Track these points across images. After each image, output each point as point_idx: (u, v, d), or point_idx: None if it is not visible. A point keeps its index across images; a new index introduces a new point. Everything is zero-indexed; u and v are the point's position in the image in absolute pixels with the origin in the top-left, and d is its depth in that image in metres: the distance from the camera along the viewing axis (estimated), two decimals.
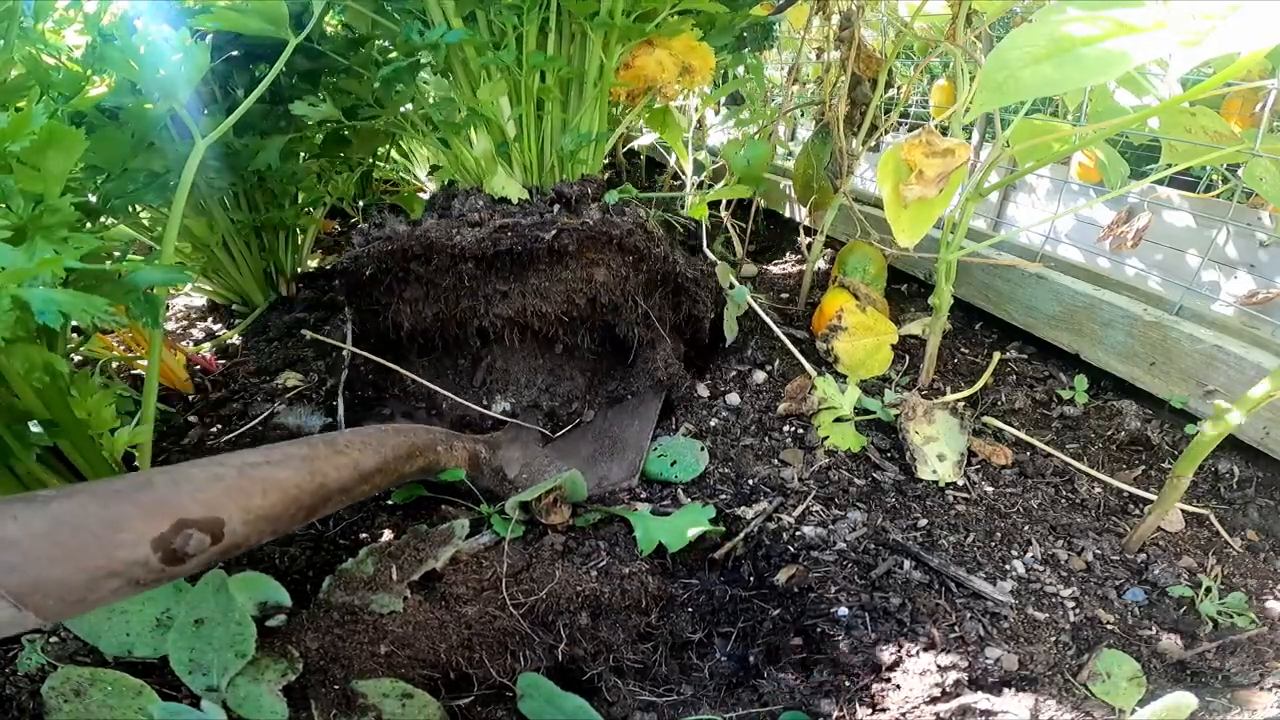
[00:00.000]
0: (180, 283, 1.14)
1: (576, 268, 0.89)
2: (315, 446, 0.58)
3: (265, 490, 0.51)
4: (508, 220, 0.86)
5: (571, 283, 0.90)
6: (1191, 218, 1.18)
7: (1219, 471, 0.88)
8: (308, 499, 0.54)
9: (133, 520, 0.43)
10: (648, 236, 0.91)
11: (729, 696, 0.62)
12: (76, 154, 0.56)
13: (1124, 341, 0.99)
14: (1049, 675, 0.62)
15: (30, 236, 0.53)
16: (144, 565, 0.43)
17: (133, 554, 0.43)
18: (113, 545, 0.42)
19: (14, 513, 0.40)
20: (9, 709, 0.57)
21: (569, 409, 0.97)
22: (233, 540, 0.48)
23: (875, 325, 1.07)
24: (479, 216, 0.88)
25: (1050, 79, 0.61)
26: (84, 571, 0.41)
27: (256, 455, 0.53)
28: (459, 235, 0.85)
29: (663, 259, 0.93)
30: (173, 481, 0.47)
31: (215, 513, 0.47)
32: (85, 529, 0.41)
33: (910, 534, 0.77)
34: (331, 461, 0.58)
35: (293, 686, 0.58)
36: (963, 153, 0.79)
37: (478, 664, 0.63)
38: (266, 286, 1.28)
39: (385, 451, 0.64)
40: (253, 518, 0.49)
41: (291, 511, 0.53)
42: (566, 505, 0.76)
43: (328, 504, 0.57)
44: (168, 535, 0.44)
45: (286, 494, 0.52)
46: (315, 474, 0.55)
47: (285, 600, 0.65)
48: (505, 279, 0.90)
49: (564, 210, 0.91)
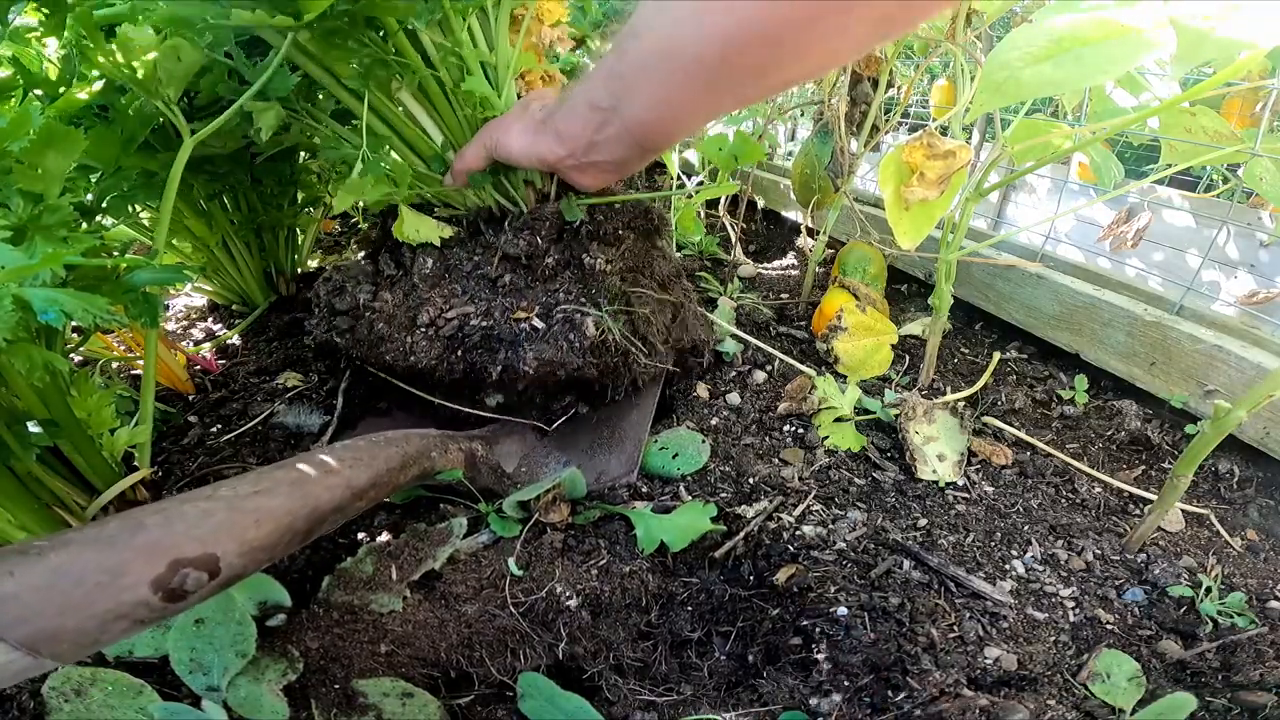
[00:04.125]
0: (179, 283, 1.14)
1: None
2: (305, 469, 0.58)
3: (258, 521, 0.51)
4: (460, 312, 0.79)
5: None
6: (1192, 217, 1.18)
7: (1219, 471, 0.88)
8: (302, 524, 0.54)
9: (130, 564, 0.44)
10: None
11: (728, 696, 0.62)
12: (76, 153, 0.56)
13: (1124, 341, 0.99)
14: (1048, 675, 0.62)
15: (30, 236, 0.53)
16: (147, 605, 0.44)
17: (135, 596, 0.44)
18: (116, 590, 0.43)
19: (10, 568, 0.41)
20: (9, 709, 0.57)
21: (562, 401, 0.95)
22: (230, 574, 0.49)
23: (875, 325, 1.07)
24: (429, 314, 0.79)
25: (1050, 79, 0.61)
26: (92, 619, 0.42)
27: (246, 484, 0.53)
28: (412, 354, 0.79)
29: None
30: (165, 521, 0.47)
31: (210, 549, 0.47)
32: (86, 579, 0.42)
33: (910, 534, 0.77)
34: (323, 483, 0.58)
35: (293, 686, 0.58)
36: (964, 155, 0.79)
37: (478, 663, 0.63)
38: (266, 286, 1.28)
39: (378, 465, 0.64)
40: (247, 549, 0.50)
41: (286, 539, 0.53)
42: (566, 503, 0.76)
43: (323, 525, 0.57)
44: (165, 576, 0.45)
45: (280, 523, 0.52)
46: (307, 498, 0.55)
47: (285, 600, 0.65)
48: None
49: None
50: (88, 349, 1.00)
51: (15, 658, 0.40)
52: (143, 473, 0.71)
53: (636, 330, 0.84)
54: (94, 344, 1.02)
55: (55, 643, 0.41)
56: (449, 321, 0.79)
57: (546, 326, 0.79)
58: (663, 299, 0.90)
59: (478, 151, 0.75)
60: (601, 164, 0.69)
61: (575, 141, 0.67)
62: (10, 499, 0.61)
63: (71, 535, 0.45)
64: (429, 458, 0.72)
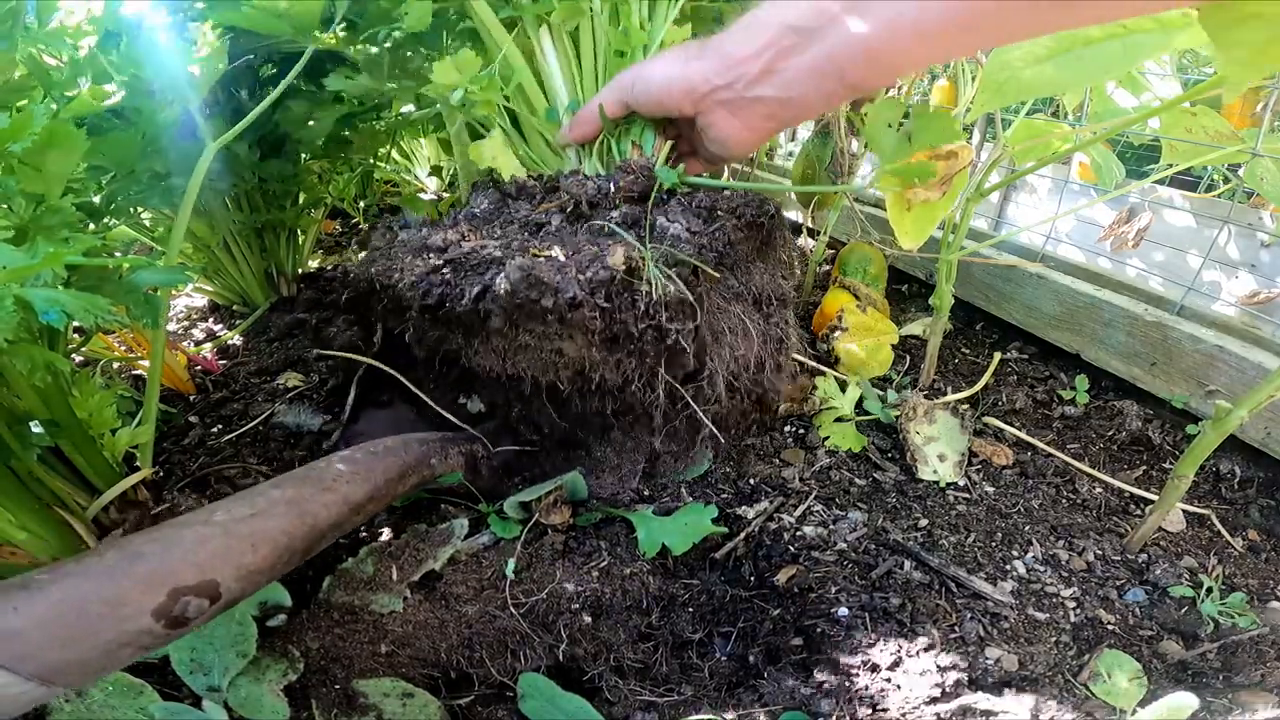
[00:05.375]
0: (181, 283, 1.14)
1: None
2: (301, 486, 0.58)
3: (255, 545, 0.51)
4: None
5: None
6: (1192, 218, 1.18)
7: (1220, 472, 0.88)
8: (300, 544, 0.55)
9: (130, 594, 0.45)
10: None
11: (729, 696, 0.62)
12: (78, 154, 0.56)
13: (1125, 341, 0.99)
14: (1049, 676, 0.62)
15: (31, 237, 0.53)
16: (150, 634, 0.45)
17: (137, 625, 0.45)
18: (119, 620, 0.44)
19: (14, 603, 0.42)
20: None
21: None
22: (229, 598, 0.49)
23: (876, 325, 1.07)
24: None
25: (1051, 79, 0.61)
26: (97, 649, 0.43)
27: (243, 506, 0.53)
28: (399, 273, 0.64)
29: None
30: (163, 549, 0.48)
31: (208, 576, 0.48)
32: (89, 611, 0.43)
33: (911, 534, 0.77)
34: (320, 500, 0.57)
35: (294, 686, 0.58)
36: (966, 155, 0.79)
37: (478, 663, 0.63)
38: (267, 287, 1.28)
39: (375, 478, 0.64)
40: (245, 574, 0.50)
41: (285, 559, 0.54)
42: (567, 505, 0.76)
43: (322, 542, 0.58)
44: (166, 605, 0.45)
45: (277, 545, 0.53)
46: (305, 516, 0.55)
47: (286, 600, 0.65)
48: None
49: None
50: (89, 349, 1.00)
51: (28, 689, 0.40)
52: (144, 473, 0.71)
53: (700, 341, 0.64)
54: (95, 344, 1.02)
55: (63, 674, 0.42)
56: (459, 249, 0.65)
57: (564, 260, 0.61)
58: (750, 321, 0.70)
59: (612, 95, 0.65)
60: (767, 100, 0.57)
61: (745, 66, 0.55)
62: (11, 499, 0.61)
63: (71, 567, 0.46)
64: (429, 465, 0.72)
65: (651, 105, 0.63)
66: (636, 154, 0.71)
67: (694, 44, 0.62)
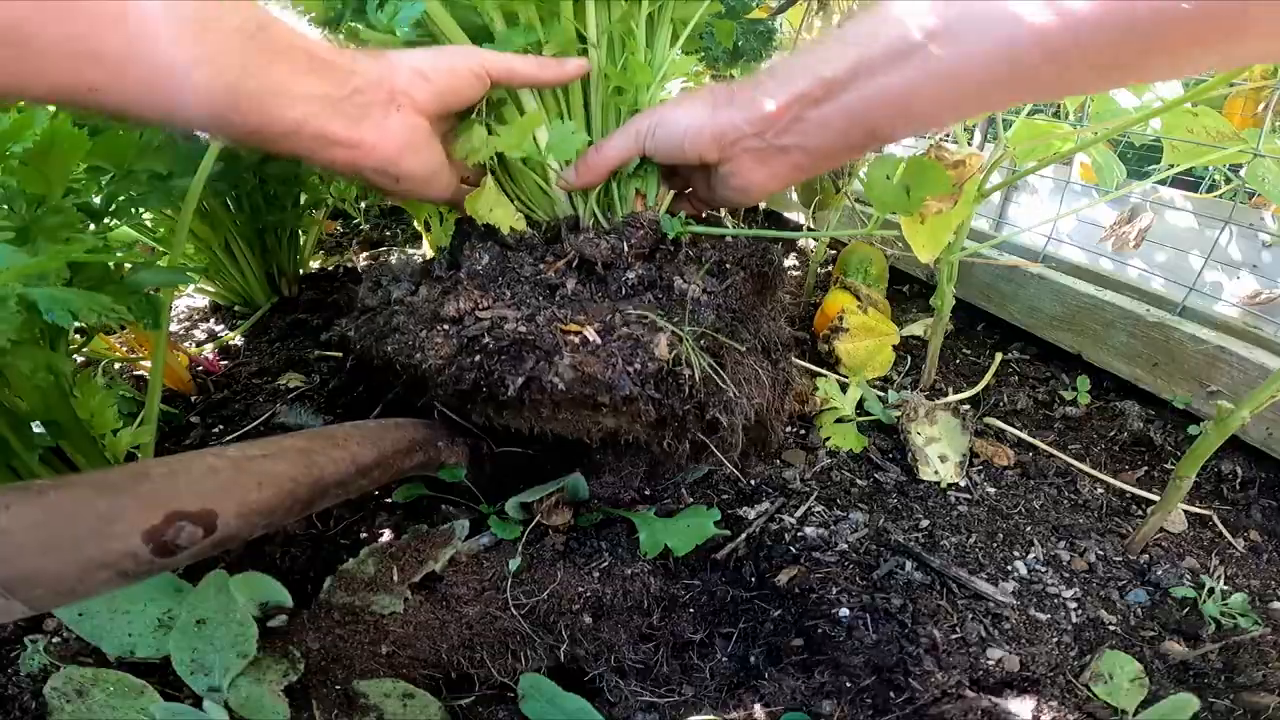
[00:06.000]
0: (183, 284, 1.14)
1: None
2: (314, 439, 0.58)
3: (261, 484, 0.50)
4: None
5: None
6: (1194, 218, 1.18)
7: (1222, 472, 0.88)
8: (304, 493, 0.54)
9: (128, 511, 0.43)
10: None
11: (730, 697, 0.62)
12: (79, 155, 0.56)
13: (1126, 342, 0.99)
14: (1051, 676, 0.62)
15: (33, 238, 0.53)
16: (134, 557, 0.43)
17: (125, 545, 0.42)
18: (106, 537, 0.42)
19: (7, 502, 0.40)
20: (11, 709, 0.57)
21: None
22: (225, 533, 0.48)
23: (877, 326, 1.07)
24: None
25: None
26: (76, 564, 0.41)
27: (255, 448, 0.53)
28: (419, 350, 0.64)
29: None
30: (170, 473, 0.47)
31: (209, 506, 0.46)
32: (80, 520, 0.41)
33: (912, 535, 0.77)
34: (329, 455, 0.57)
35: (294, 687, 0.58)
36: (974, 162, 0.78)
37: (479, 664, 0.63)
38: (269, 288, 1.28)
39: (384, 446, 0.64)
40: (247, 511, 0.49)
41: (287, 504, 0.53)
42: (568, 506, 0.76)
43: (324, 498, 0.57)
44: (160, 527, 0.44)
45: (282, 488, 0.52)
46: (312, 467, 0.55)
47: (286, 600, 0.65)
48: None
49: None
50: (90, 350, 1.00)
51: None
52: None
53: (728, 405, 0.66)
54: (97, 345, 1.02)
55: (31, 585, 0.39)
56: (479, 321, 0.64)
57: (601, 343, 0.62)
58: (762, 369, 0.71)
59: (625, 141, 0.63)
60: (791, 150, 0.57)
61: (775, 115, 0.56)
62: None
63: (76, 478, 0.44)
64: (435, 447, 0.72)
65: (672, 152, 0.62)
66: (640, 203, 0.70)
67: (719, 89, 0.60)
